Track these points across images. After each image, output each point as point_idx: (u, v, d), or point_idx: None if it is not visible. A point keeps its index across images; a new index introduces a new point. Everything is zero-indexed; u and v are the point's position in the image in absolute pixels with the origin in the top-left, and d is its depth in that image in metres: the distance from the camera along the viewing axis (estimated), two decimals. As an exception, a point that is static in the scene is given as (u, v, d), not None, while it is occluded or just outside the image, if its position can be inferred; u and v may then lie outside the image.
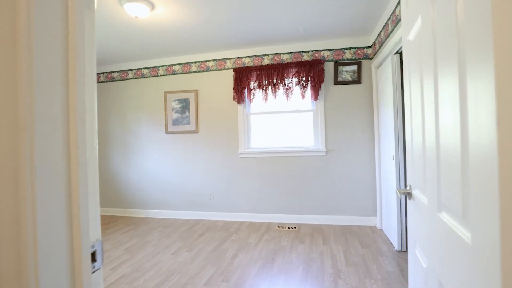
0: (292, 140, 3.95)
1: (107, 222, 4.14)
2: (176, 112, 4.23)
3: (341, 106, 3.73)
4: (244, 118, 4.01)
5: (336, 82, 3.76)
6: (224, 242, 3.20)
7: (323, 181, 3.76)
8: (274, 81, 3.84)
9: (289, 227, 3.63)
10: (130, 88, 4.43)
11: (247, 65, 3.98)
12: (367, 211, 3.65)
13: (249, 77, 3.91)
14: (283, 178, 3.87)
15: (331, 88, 3.77)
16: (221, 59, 4.05)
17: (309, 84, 3.77)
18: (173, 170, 4.25)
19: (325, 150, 3.72)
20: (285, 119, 3.97)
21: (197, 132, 4.14)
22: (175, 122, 4.23)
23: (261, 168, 3.93)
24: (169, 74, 4.26)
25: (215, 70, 4.08)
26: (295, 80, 3.82)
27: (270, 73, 3.84)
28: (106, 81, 4.53)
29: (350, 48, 3.71)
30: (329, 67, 3.77)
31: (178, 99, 4.22)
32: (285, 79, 3.83)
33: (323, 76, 3.71)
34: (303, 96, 3.78)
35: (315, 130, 3.85)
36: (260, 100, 3.97)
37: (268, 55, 3.92)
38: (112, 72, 4.49)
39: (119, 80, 4.47)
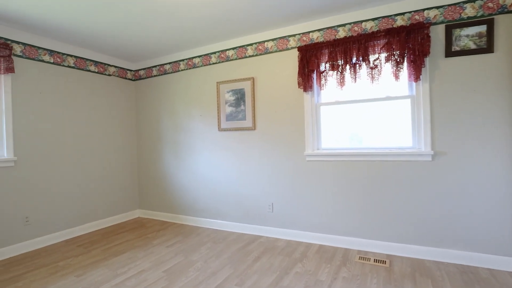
0: (379, 139, 2.89)
1: (157, 229, 3.75)
2: (230, 105, 3.58)
3: (459, 88, 2.53)
4: (312, 110, 3.12)
5: (450, 53, 2.56)
6: (285, 275, 2.39)
7: (428, 197, 2.62)
8: (354, 59, 2.84)
9: (375, 260, 2.61)
10: (182, 80, 3.97)
11: (316, 41, 3.07)
12: (502, 246, 2.38)
13: (318, 56, 3.00)
14: (366, 190, 2.85)
15: (441, 62, 2.59)
16: (283, 37, 3.23)
17: (405, 60, 2.67)
18: (226, 174, 3.63)
19: (431, 153, 2.57)
20: (368, 110, 2.93)
21: (254, 129, 3.42)
22: (229, 117, 3.59)
23: (335, 176, 2.99)
24: (222, 61, 3.64)
25: (275, 51, 3.29)
26: (384, 55, 2.76)
27: (347, 48, 2.86)
28: (159, 75, 4.18)
29: (473, 0, 2.47)
30: (437, 33, 2.60)
31: (232, 90, 3.57)
32: (370, 56, 2.80)
33: (429, 46, 2.56)
34: (396, 77, 2.69)
35: (415, 125, 2.72)
36: (333, 86, 3.02)
37: (344, 25, 2.94)
38: (164, 64, 4.11)
39: (171, 72, 4.06)
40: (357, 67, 2.84)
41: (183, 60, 3.94)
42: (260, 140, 3.40)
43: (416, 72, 2.61)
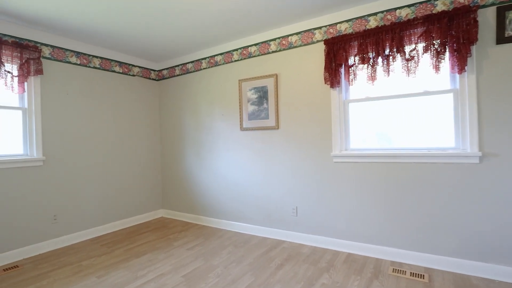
0: (412, 139, 2.61)
1: (179, 230, 3.71)
2: (252, 103, 3.45)
3: (513, 79, 2.19)
4: (340, 108, 2.90)
5: (502, 39, 2.23)
6: (310, 287, 2.20)
7: (475, 204, 2.30)
8: (387, 50, 2.59)
9: (412, 273, 2.35)
10: (204, 79, 3.90)
11: (344, 32, 2.84)
12: None
13: (347, 49, 2.77)
14: (401, 195, 2.58)
15: (491, 51, 2.27)
16: (308, 30, 3.04)
17: (447, 49, 2.37)
18: (248, 175, 3.50)
19: (479, 154, 2.26)
20: (401, 107, 2.66)
21: (277, 128, 3.26)
22: (251, 116, 3.46)
23: (365, 179, 2.74)
24: (244, 58, 3.51)
25: (300, 46, 3.10)
26: (421, 45, 2.48)
27: (379, 39, 2.61)
28: (181, 74, 4.14)
29: (532, -22, 2.12)
30: (486, 17, 2.27)
31: (254, 88, 3.43)
32: (405, 46, 2.53)
33: (476, 33, 2.25)
34: (436, 69, 2.40)
35: (458, 122, 2.41)
36: (364, 81, 2.78)
37: (375, 14, 2.69)
38: (186, 63, 4.07)
39: (193, 71, 4.00)
40: (391, 60, 2.57)
41: (205, 58, 3.86)
42: (283, 139, 3.23)
43: (461, 62, 2.30)
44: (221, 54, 3.71)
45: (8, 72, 2.78)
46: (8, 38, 2.82)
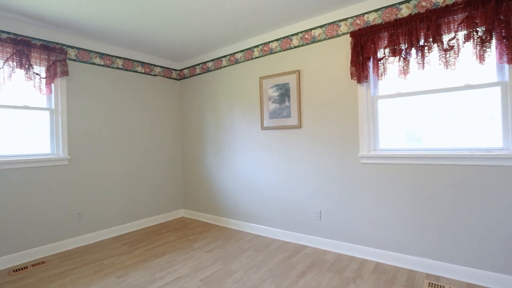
0: (453, 138, 2.34)
1: (199, 231, 3.66)
2: (274, 101, 3.31)
3: None
4: (368, 105, 2.68)
5: None
6: (335, 298, 2.03)
7: (528, 213, 2.01)
8: (422, 41, 2.34)
9: (452, 289, 2.10)
10: (224, 77, 3.83)
11: (373, 23, 2.63)
12: None
13: (375, 41, 2.55)
14: (439, 201, 2.33)
15: (549, 36, 1.96)
16: (332, 23, 2.85)
17: (494, 37, 2.09)
18: (269, 176, 3.37)
19: (534, 155, 1.96)
20: (441, 102, 2.40)
21: (300, 127, 3.10)
22: (272, 114, 3.33)
23: (397, 182, 2.51)
24: (265, 55, 3.38)
25: (324, 39, 2.92)
26: (462, 33, 2.21)
27: (413, 29, 2.37)
28: (202, 73, 4.10)
29: None
30: (544, -2, 1.97)
31: (275, 85, 3.30)
32: (443, 35, 2.27)
33: (530, 16, 1.96)
34: (481, 60, 2.13)
35: (508, 119, 2.12)
36: (395, 75, 2.55)
37: (407, 1, 2.45)
38: (207, 62, 4.02)
39: (214, 69, 3.94)
40: (426, 51, 2.33)
41: (225, 56, 3.79)
42: (306, 139, 3.06)
43: (510, 51, 2.02)
44: (241, 51, 3.61)
45: (36, 74, 2.87)
46: (36, 42, 2.92)
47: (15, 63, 2.73)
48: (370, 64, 2.64)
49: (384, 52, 2.52)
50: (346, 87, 2.78)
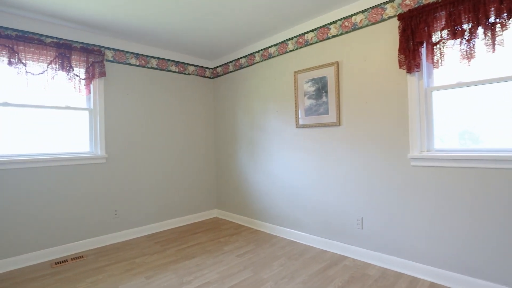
0: (537, 135, 1.88)
1: (231, 233, 3.54)
2: (310, 97, 3.06)
3: None
4: (420, 97, 2.31)
5: None
6: (379, 323, 1.74)
7: None
8: (492, 18, 1.92)
9: (535, 325, 1.67)
10: (258, 74, 3.66)
11: (426, 2, 2.24)
12: None
13: (430, 22, 2.17)
14: (510, 214, 1.89)
15: None
16: (376, 6, 2.51)
17: None
18: (305, 178, 3.12)
19: None
20: (499, 94, 1.95)
21: (339, 125, 2.81)
22: (308, 111, 3.07)
23: (455, 188, 2.11)
24: (301, 47, 3.14)
25: (366, 26, 2.59)
26: (549, 5, 1.75)
27: (480, 3, 1.95)
28: (235, 70, 3.99)
29: None
30: None
31: (311, 79, 3.04)
32: (521, 9, 1.83)
33: None
34: None
35: None
36: (454, 61, 2.14)
37: (474, -28, 2.03)
38: (240, 58, 3.89)
39: (247, 66, 3.80)
40: (497, 29, 1.90)
41: (258, 51, 3.62)
42: (346, 138, 2.76)
43: None
44: (275, 45, 3.41)
45: (76, 75, 2.99)
46: (77, 44, 3.04)
47: (57, 66, 2.86)
48: (423, 50, 2.27)
49: (441, 34, 2.13)
50: (393, 79, 2.43)
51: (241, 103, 3.92)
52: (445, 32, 2.11)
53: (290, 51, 3.24)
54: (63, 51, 2.89)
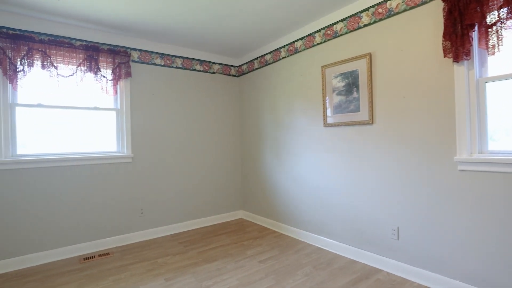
0: None
1: (255, 236, 3.42)
2: (339, 93, 2.82)
3: None
4: (471, 90, 1.97)
5: None
6: None
7: None
8: None
9: None
10: (283, 70, 3.48)
11: (480, -23, 1.90)
12: None
13: (484, 0, 1.83)
14: None
15: None
16: (417, -13, 2.21)
17: None
18: (334, 180, 2.89)
19: None
20: None
21: (371, 123, 2.54)
22: (337, 109, 2.83)
23: (517, 199, 1.76)
24: (329, 39, 2.91)
25: (403, 11, 2.29)
26: None
27: (550, -26, 1.59)
28: (260, 67, 3.84)
29: None
30: None
31: (341, 74, 2.79)
32: None
33: None
34: None
35: None
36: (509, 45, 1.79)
37: None
38: (265, 54, 3.74)
39: (272, 62, 3.64)
40: None
41: (284, 46, 3.44)
42: (380, 138, 2.49)
43: None
44: (301, 38, 3.20)
45: (103, 76, 3.05)
46: (104, 46, 3.11)
47: (85, 67, 2.95)
48: (475, 34, 1.93)
49: (499, 14, 1.78)
50: (436, 69, 2.11)
51: (266, 101, 3.76)
52: (504, 10, 1.76)
53: (318, 44, 3.02)
54: (91, 53, 2.97)
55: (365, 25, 2.56)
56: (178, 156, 3.65)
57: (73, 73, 2.88)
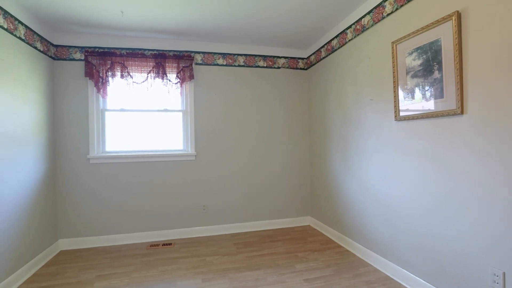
0: None
1: (314, 248, 2.99)
2: (414, 75, 2.10)
3: None
4: None
5: None
6: None
7: None
8: None
9: None
10: (350, 55, 2.91)
11: None
12: None
13: None
14: None
15: None
16: None
17: None
18: (406, 192, 2.18)
19: None
20: None
21: (461, 113, 1.76)
22: (412, 95, 2.12)
23: None
24: (402, 5, 2.21)
25: None
26: None
27: None
28: (327, 55, 3.35)
29: None
30: None
31: (416, 49, 2.07)
32: None
33: None
34: None
35: None
36: None
37: None
38: (331, 40, 3.23)
39: (338, 48, 3.10)
40: None
41: (350, 26, 2.87)
42: (474, 135, 1.69)
43: None
44: (369, 12, 2.58)
45: (169, 80, 3.33)
46: (170, 53, 3.38)
47: (154, 74, 3.28)
48: None
49: None
50: None
51: (332, 93, 3.25)
52: None
53: (388, 15, 2.35)
54: (159, 60, 3.28)
55: (451, -26, 1.80)
56: (240, 155, 3.62)
57: (145, 79, 3.26)
